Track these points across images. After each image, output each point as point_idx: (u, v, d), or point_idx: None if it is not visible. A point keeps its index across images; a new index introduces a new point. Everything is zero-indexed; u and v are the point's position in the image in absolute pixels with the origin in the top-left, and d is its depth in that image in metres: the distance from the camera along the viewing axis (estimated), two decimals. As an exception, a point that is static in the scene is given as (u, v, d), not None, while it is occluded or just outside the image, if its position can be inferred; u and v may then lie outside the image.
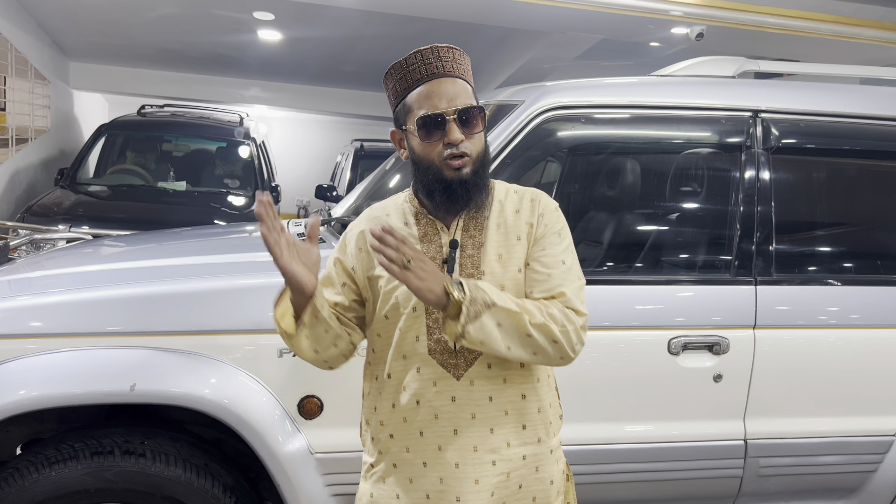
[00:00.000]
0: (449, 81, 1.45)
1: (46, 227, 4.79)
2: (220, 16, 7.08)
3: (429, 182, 1.47)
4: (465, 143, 1.44)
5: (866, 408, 2.40)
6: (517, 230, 1.51)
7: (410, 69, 1.47)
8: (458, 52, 1.50)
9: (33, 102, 7.75)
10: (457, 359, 1.47)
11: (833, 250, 2.48)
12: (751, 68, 2.69)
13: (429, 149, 1.45)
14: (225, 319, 2.04)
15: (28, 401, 1.89)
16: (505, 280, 1.47)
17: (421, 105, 1.45)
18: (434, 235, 1.50)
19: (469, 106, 1.45)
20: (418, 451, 1.49)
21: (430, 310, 1.46)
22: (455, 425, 1.47)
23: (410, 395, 1.49)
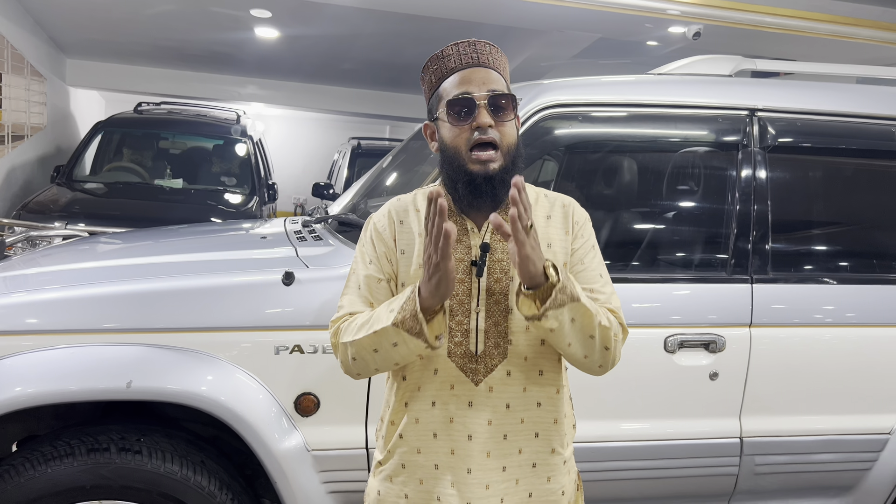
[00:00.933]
0: (483, 70, 1.43)
1: (43, 225, 4.79)
2: (218, 13, 7.07)
3: (453, 173, 1.42)
4: (494, 130, 1.39)
5: (862, 406, 2.41)
6: (548, 237, 1.48)
7: (446, 59, 1.45)
8: (496, 49, 1.48)
9: (30, 99, 7.73)
10: (477, 364, 1.44)
11: (829, 249, 2.48)
12: (748, 67, 2.69)
13: (457, 134, 1.40)
14: (222, 316, 2.03)
15: (24, 397, 1.89)
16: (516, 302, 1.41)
17: (452, 91, 1.42)
18: (463, 235, 1.46)
19: (501, 91, 1.41)
20: (430, 454, 1.46)
21: (453, 311, 1.43)
22: (470, 431, 1.44)
23: (426, 396, 1.46)
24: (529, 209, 1.25)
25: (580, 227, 1.50)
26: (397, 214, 1.51)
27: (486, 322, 1.43)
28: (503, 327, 1.43)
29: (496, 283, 1.43)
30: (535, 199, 1.51)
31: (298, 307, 2.05)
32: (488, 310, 1.43)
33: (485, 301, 1.43)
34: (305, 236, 2.57)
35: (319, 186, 6.68)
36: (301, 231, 2.68)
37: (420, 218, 1.49)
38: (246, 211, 5.91)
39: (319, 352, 2.04)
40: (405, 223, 1.50)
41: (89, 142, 6.66)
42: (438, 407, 1.45)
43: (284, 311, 2.05)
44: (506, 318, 1.43)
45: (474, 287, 1.44)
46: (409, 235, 1.48)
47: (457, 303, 1.43)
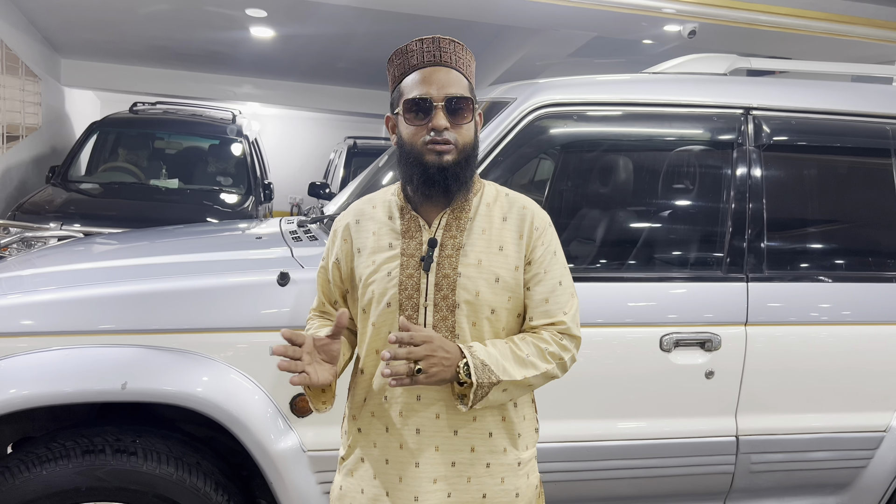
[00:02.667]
0: (444, 70, 1.45)
1: (37, 225, 4.77)
2: (213, 12, 7.05)
3: (409, 166, 1.46)
4: (450, 131, 1.42)
5: (857, 404, 2.42)
6: (501, 238, 1.50)
7: (409, 55, 1.47)
8: (461, 47, 1.49)
9: (24, 100, 7.71)
10: None
11: (824, 247, 2.49)
12: (743, 66, 2.70)
13: (413, 133, 1.44)
14: (217, 317, 2.03)
15: (19, 399, 1.88)
16: (480, 287, 1.46)
17: (412, 90, 1.44)
18: (416, 231, 1.50)
19: (459, 95, 1.43)
20: (383, 448, 1.50)
21: (403, 305, 1.47)
22: (418, 425, 1.47)
23: (378, 390, 1.50)
24: (411, 342, 1.33)
25: (540, 234, 1.52)
26: (354, 216, 1.57)
27: (434, 317, 1.46)
28: (451, 322, 1.46)
29: (444, 279, 1.46)
30: (494, 197, 1.54)
31: (294, 307, 2.05)
32: (436, 305, 1.46)
33: (433, 296, 1.46)
34: (301, 236, 2.57)
35: (315, 186, 6.67)
36: (297, 231, 2.68)
37: (375, 214, 1.55)
38: (242, 211, 5.90)
39: (315, 352, 2.04)
40: (360, 223, 1.56)
41: (84, 142, 6.64)
42: (390, 401, 1.49)
43: (280, 312, 2.04)
44: (453, 312, 1.46)
45: (422, 282, 1.47)
46: (365, 234, 1.54)
47: (405, 297, 1.47)
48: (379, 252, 1.51)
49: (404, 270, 1.47)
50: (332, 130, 13.35)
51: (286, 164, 12.88)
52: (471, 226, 1.50)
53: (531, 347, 1.46)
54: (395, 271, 1.48)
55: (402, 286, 1.47)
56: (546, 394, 1.97)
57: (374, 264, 1.50)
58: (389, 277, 1.48)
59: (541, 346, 1.46)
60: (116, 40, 8.65)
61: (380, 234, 1.52)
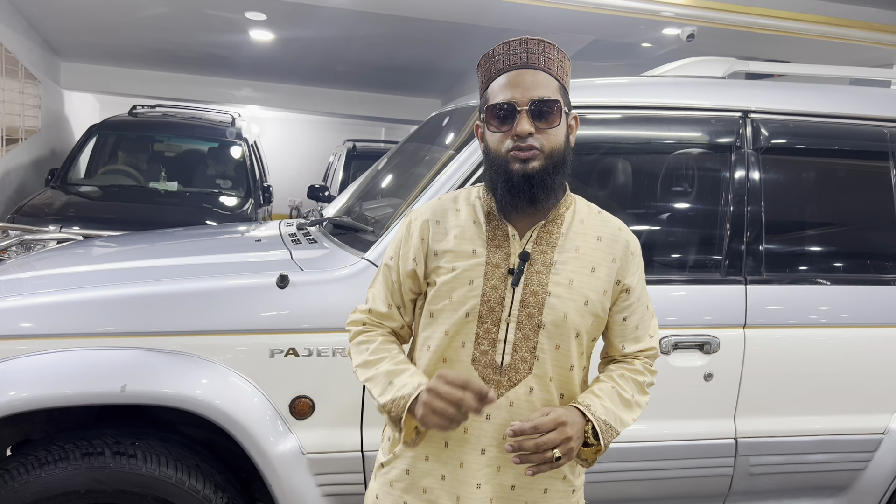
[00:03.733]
0: (530, 73, 1.36)
1: (37, 228, 4.77)
2: (212, 16, 7.06)
3: (494, 174, 1.38)
4: (535, 137, 1.34)
5: (856, 406, 2.42)
6: (594, 260, 1.42)
7: (495, 59, 1.40)
8: (551, 47, 1.40)
9: (24, 102, 7.71)
10: (500, 375, 1.39)
11: (823, 250, 2.49)
12: (741, 69, 2.70)
13: (497, 140, 1.37)
14: (216, 320, 2.03)
15: (18, 402, 1.88)
16: (568, 309, 1.39)
17: (496, 95, 1.37)
18: (503, 241, 1.41)
19: (545, 98, 1.35)
20: (439, 463, 1.42)
21: (483, 318, 1.39)
22: (483, 445, 1.40)
23: None
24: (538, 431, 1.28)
25: (634, 259, 1.47)
26: (434, 214, 1.47)
27: (515, 334, 1.39)
28: (533, 342, 1.39)
29: (531, 296, 1.38)
30: (586, 213, 1.47)
31: (293, 310, 2.05)
32: (519, 322, 1.38)
33: (517, 312, 1.38)
34: (300, 239, 2.57)
35: (315, 189, 6.67)
36: (296, 234, 2.68)
37: (458, 216, 1.46)
38: (241, 214, 5.90)
39: (314, 355, 2.04)
40: (441, 223, 1.46)
41: (84, 145, 6.64)
42: None
43: (279, 315, 2.05)
44: (537, 332, 1.39)
45: (508, 296, 1.39)
46: (446, 235, 1.44)
47: (487, 309, 1.39)
48: (461, 258, 1.41)
49: (488, 281, 1.39)
50: (331, 133, 13.37)
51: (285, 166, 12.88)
52: (563, 242, 1.42)
53: (631, 384, 1.45)
54: (478, 280, 1.39)
55: (484, 297, 1.38)
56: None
57: (454, 270, 1.41)
58: (472, 286, 1.39)
59: (638, 380, 1.46)
60: (116, 43, 8.66)
61: (462, 237, 1.43)
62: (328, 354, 2.04)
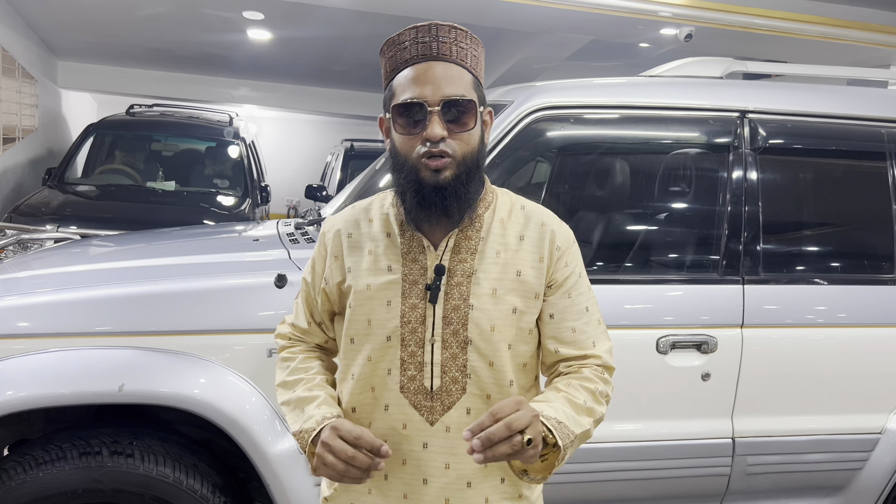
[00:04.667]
0: (441, 66, 1.23)
1: (34, 227, 4.77)
2: (210, 15, 7.05)
3: (402, 180, 1.25)
4: (448, 141, 1.21)
5: (853, 406, 2.42)
6: (518, 262, 1.30)
7: (401, 47, 1.26)
8: (463, 34, 1.27)
9: (21, 102, 7.70)
10: (432, 401, 1.28)
11: (820, 250, 2.50)
12: (739, 69, 2.71)
13: (406, 143, 1.23)
14: (214, 319, 2.03)
15: (16, 401, 1.88)
16: (495, 320, 1.27)
17: (403, 90, 1.23)
18: (419, 254, 1.29)
19: (458, 97, 1.21)
20: (380, 496, 1.31)
21: (405, 341, 1.27)
22: (425, 475, 1.28)
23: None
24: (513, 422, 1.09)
25: (564, 254, 1.33)
26: (346, 226, 1.36)
27: (442, 354, 1.27)
28: (462, 360, 1.27)
29: (453, 311, 1.27)
30: (508, 211, 1.34)
31: (291, 310, 2.05)
32: (445, 341, 1.27)
33: (441, 331, 1.27)
34: (298, 238, 2.57)
35: (312, 188, 6.66)
36: (294, 233, 2.68)
37: (371, 228, 1.34)
38: (238, 213, 5.90)
39: (312, 354, 2.04)
40: (354, 236, 1.35)
41: (81, 144, 6.63)
42: (391, 447, 1.26)
43: (277, 314, 2.05)
44: (464, 349, 1.27)
45: (429, 314, 1.27)
46: (359, 251, 1.34)
47: (409, 331, 1.27)
48: (376, 275, 1.30)
49: (406, 300, 1.27)
50: (328, 133, 13.36)
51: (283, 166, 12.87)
52: (483, 248, 1.29)
53: (582, 392, 1.28)
54: (395, 300, 1.28)
55: (404, 318, 1.27)
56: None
57: (369, 289, 1.29)
58: (389, 307, 1.28)
59: (589, 387, 1.29)
60: (113, 43, 8.65)
61: (377, 253, 1.31)
62: None
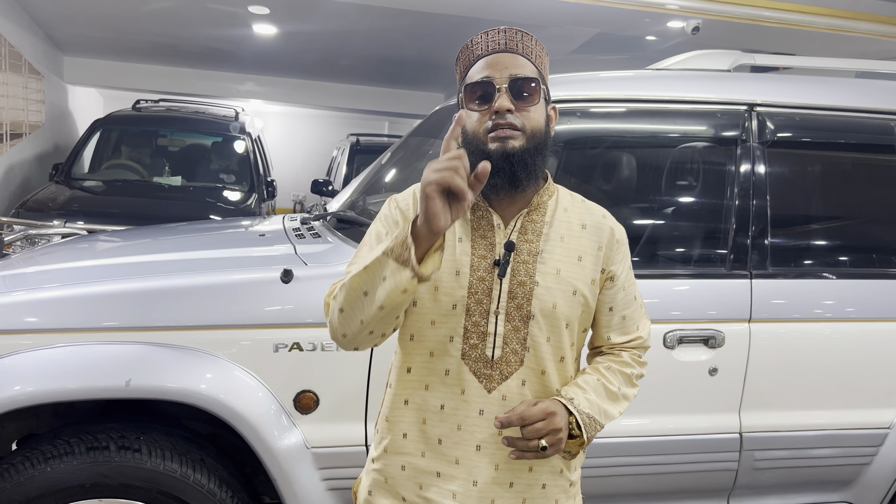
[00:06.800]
0: (508, 55, 1.33)
1: (41, 223, 4.78)
2: (215, 10, 7.05)
3: (472, 156, 1.29)
4: (514, 115, 1.29)
5: (861, 401, 2.41)
6: (580, 248, 1.39)
7: (473, 47, 1.37)
8: (529, 37, 1.37)
9: (27, 97, 7.71)
10: (492, 370, 1.35)
11: (828, 244, 2.48)
12: (746, 62, 2.69)
13: (475, 122, 1.31)
14: (220, 314, 2.03)
15: (23, 396, 1.89)
16: (557, 299, 1.35)
17: (474, 75, 1.34)
18: (488, 230, 1.36)
19: (524, 75, 1.31)
20: (434, 460, 1.38)
21: (471, 310, 1.34)
22: (479, 441, 1.36)
23: (434, 397, 1.37)
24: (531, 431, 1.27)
25: (620, 247, 1.43)
26: None
27: (505, 327, 1.34)
28: (523, 334, 1.35)
29: (519, 287, 1.34)
30: (570, 202, 1.43)
31: (297, 305, 2.05)
32: (508, 314, 1.34)
33: (505, 304, 1.34)
34: (304, 234, 2.57)
35: (318, 183, 6.67)
36: (300, 228, 2.68)
37: None
38: (245, 208, 5.91)
39: (318, 349, 2.04)
40: None
41: (87, 139, 6.65)
42: (447, 412, 1.36)
43: (283, 309, 2.05)
44: (526, 324, 1.35)
45: (495, 287, 1.34)
46: None
47: (475, 302, 1.34)
48: (447, 245, 1.35)
49: (475, 272, 1.34)
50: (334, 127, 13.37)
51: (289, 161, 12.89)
52: (548, 231, 1.37)
53: (618, 377, 1.42)
54: (464, 271, 1.34)
55: (471, 289, 1.34)
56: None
57: None
58: (458, 277, 1.34)
59: (626, 372, 1.43)
60: (119, 38, 8.65)
61: None
62: (332, 349, 2.04)
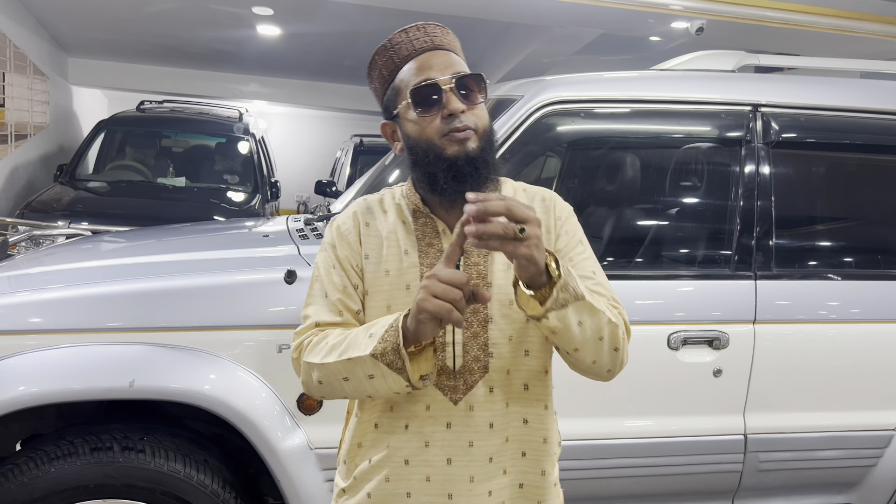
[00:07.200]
0: (441, 53, 1.28)
1: (46, 224, 4.79)
2: (219, 11, 7.07)
3: (429, 165, 1.25)
4: (466, 114, 1.24)
5: (866, 402, 2.40)
6: None
7: (396, 48, 1.30)
8: (449, 32, 1.33)
9: (32, 98, 7.73)
10: (455, 380, 1.29)
11: (833, 245, 2.48)
12: (751, 62, 2.68)
13: (425, 125, 1.25)
14: (224, 315, 2.03)
15: (28, 397, 1.89)
16: (512, 293, 1.25)
17: (412, 79, 1.27)
18: (434, 238, 1.32)
19: (468, 73, 1.27)
20: (401, 482, 1.31)
21: None
22: (449, 454, 1.29)
23: (399, 417, 1.30)
24: (514, 206, 1.06)
25: (563, 223, 1.36)
26: (363, 216, 1.37)
27: (463, 334, 1.29)
28: (483, 339, 1.29)
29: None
30: (512, 193, 1.38)
31: (301, 306, 2.05)
32: (465, 320, 1.26)
33: None
34: (308, 234, 2.57)
35: (322, 184, 6.66)
36: (303, 229, 2.68)
37: (386, 217, 1.36)
38: (248, 209, 5.92)
39: (322, 350, 2.04)
40: (371, 226, 1.36)
41: (92, 140, 6.67)
42: (412, 430, 1.29)
43: (287, 310, 2.05)
44: (485, 328, 1.29)
45: None
46: (376, 239, 1.34)
47: None
48: (393, 260, 1.32)
49: None
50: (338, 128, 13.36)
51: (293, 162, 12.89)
52: None
53: (603, 301, 1.25)
54: (414, 284, 1.29)
55: None
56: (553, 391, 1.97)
57: (388, 275, 1.31)
58: (408, 292, 1.29)
59: (610, 305, 1.27)
60: (123, 39, 8.68)
61: (392, 239, 1.33)
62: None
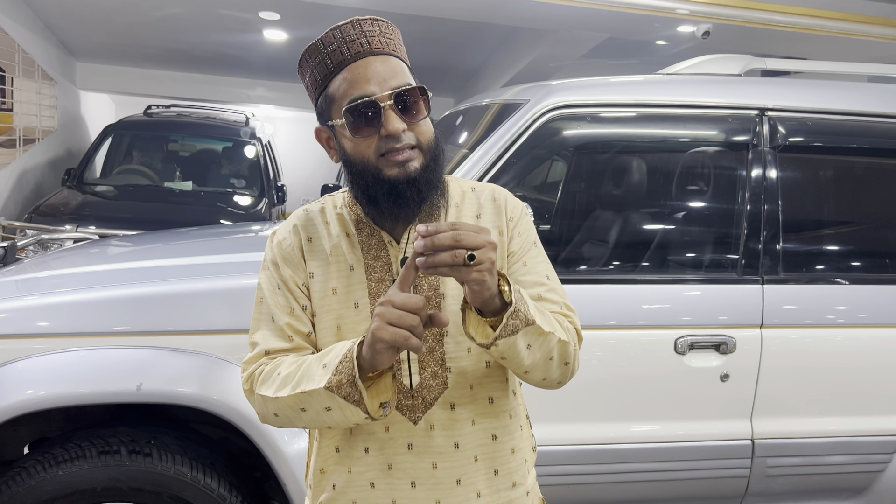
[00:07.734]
0: (379, 60, 1.17)
1: (53, 228, 4.82)
2: (226, 16, 7.09)
3: (367, 187, 1.18)
4: (407, 133, 1.16)
5: (874, 407, 2.39)
6: None
7: (330, 51, 1.19)
8: (386, 25, 1.22)
9: (40, 103, 7.78)
10: (413, 399, 1.21)
11: (840, 249, 2.47)
12: (757, 66, 2.68)
13: (362, 146, 1.16)
14: (231, 319, 2.04)
15: (35, 400, 1.90)
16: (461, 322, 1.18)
17: (347, 93, 1.16)
18: (381, 250, 1.23)
19: (407, 87, 1.16)
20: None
21: None
22: (413, 477, 1.21)
23: (358, 441, 1.23)
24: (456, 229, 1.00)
25: (516, 224, 1.28)
26: (304, 230, 1.27)
27: None
28: (439, 354, 1.21)
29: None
30: (460, 195, 1.29)
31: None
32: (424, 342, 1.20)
33: None
34: (314, 238, 2.57)
35: (328, 188, 6.67)
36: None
37: (330, 232, 1.27)
38: (255, 213, 5.93)
39: (328, 354, 2.04)
40: (314, 240, 1.26)
41: (100, 145, 6.70)
42: (373, 453, 1.22)
43: (293, 314, 2.05)
44: (441, 341, 1.21)
45: None
46: (321, 255, 1.25)
47: None
48: (340, 278, 1.23)
49: (374, 299, 1.21)
50: (344, 132, 13.37)
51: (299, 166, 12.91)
52: None
53: (552, 317, 1.19)
54: (363, 301, 1.21)
55: None
56: (559, 396, 1.97)
57: (335, 293, 1.23)
58: (358, 309, 1.21)
59: (560, 318, 1.21)
60: (131, 44, 8.72)
61: (336, 254, 1.24)
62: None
